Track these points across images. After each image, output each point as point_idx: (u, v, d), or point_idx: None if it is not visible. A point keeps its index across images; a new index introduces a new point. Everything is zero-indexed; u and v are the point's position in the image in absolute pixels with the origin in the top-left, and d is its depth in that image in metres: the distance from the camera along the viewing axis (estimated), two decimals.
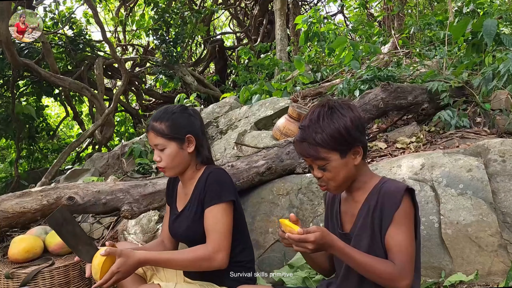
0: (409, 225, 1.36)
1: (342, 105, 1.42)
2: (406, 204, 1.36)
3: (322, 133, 1.37)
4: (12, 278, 1.96)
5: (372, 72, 3.93)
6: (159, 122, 1.76)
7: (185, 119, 1.80)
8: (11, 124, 6.99)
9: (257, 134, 3.76)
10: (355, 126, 1.39)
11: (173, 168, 1.78)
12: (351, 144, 1.38)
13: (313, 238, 1.26)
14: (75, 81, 6.73)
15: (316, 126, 1.38)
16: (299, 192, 2.51)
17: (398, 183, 1.41)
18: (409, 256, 1.34)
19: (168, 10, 8.64)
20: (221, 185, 1.72)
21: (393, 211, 1.34)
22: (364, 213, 1.42)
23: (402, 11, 7.88)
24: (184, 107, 1.85)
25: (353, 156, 1.41)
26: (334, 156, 1.38)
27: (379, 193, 1.39)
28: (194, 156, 1.82)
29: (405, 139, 3.09)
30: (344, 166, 1.40)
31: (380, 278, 1.32)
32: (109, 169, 4.58)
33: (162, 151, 1.75)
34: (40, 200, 2.30)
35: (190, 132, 1.78)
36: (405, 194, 1.36)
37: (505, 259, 1.97)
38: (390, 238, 1.35)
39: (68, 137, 11.10)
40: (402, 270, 1.31)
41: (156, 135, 1.75)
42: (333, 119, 1.38)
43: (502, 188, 2.11)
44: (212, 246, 1.64)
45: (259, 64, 7.63)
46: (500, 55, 3.20)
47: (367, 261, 1.32)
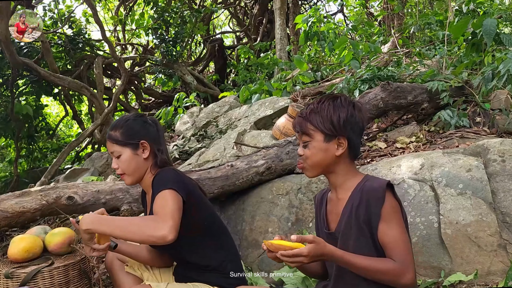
0: (399, 219, 1.38)
1: (347, 100, 1.49)
2: (390, 199, 1.38)
3: (317, 113, 1.47)
4: (12, 277, 1.96)
5: (372, 72, 3.93)
6: (114, 130, 1.79)
7: (138, 125, 1.81)
8: (10, 123, 6.98)
9: (256, 134, 3.76)
10: (348, 120, 1.45)
11: (131, 174, 1.79)
12: (337, 132, 1.44)
13: (307, 252, 1.27)
14: (75, 80, 6.73)
15: (315, 106, 1.49)
16: (299, 192, 2.51)
17: (379, 180, 1.44)
18: (406, 249, 1.35)
19: (167, 9, 8.64)
20: (167, 177, 1.68)
21: (379, 207, 1.36)
22: (347, 212, 1.43)
23: (402, 10, 7.88)
24: (139, 114, 1.89)
25: (337, 147, 1.46)
26: (318, 137, 1.46)
27: (362, 191, 1.41)
28: (151, 163, 1.82)
29: (405, 139, 3.09)
30: (324, 151, 1.46)
31: (384, 277, 1.33)
32: (108, 168, 4.58)
33: (119, 158, 1.77)
34: (39, 200, 2.30)
35: (144, 138, 1.79)
36: (387, 190, 1.38)
37: (504, 259, 1.97)
38: (384, 235, 1.36)
39: (68, 136, 11.11)
40: (403, 265, 1.32)
41: (112, 143, 1.78)
42: (332, 106, 1.47)
43: (501, 188, 2.11)
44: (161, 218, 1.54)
45: (259, 64, 7.63)
46: (500, 54, 3.21)
47: (368, 264, 1.33)
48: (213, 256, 1.78)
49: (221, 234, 1.87)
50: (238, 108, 4.82)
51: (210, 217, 1.85)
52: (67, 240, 2.17)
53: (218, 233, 1.85)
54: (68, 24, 8.02)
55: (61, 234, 2.19)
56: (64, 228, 2.31)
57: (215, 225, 1.85)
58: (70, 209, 2.38)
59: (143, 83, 10.08)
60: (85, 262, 2.16)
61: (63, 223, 3.42)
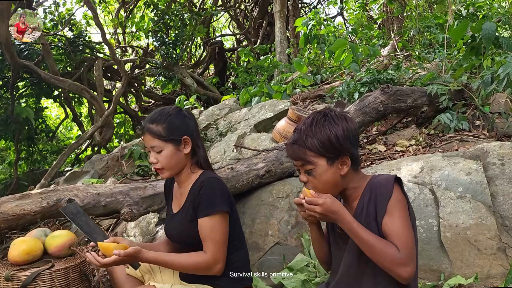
0: (404, 212, 1.37)
1: (338, 115, 1.45)
2: (397, 192, 1.38)
3: (313, 138, 1.40)
4: (12, 280, 1.96)
5: (371, 75, 3.94)
6: (155, 124, 1.76)
7: (180, 120, 1.80)
8: (10, 125, 6.98)
9: (256, 137, 3.77)
10: (346, 136, 1.41)
11: (170, 169, 1.79)
12: (339, 152, 1.41)
13: (322, 201, 1.33)
14: (75, 83, 6.74)
15: (308, 130, 1.42)
16: (299, 195, 2.51)
17: (387, 175, 1.43)
18: (409, 241, 1.34)
19: (167, 12, 8.66)
20: (215, 195, 1.71)
21: (386, 201, 1.36)
22: (359, 211, 1.43)
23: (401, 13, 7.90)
24: (179, 108, 1.86)
25: (340, 166, 1.42)
26: (321, 162, 1.41)
27: (371, 188, 1.41)
28: (190, 157, 1.83)
29: (405, 142, 3.10)
30: (330, 174, 1.42)
31: (383, 260, 1.31)
32: (108, 171, 4.58)
33: (159, 153, 1.76)
34: (40, 202, 2.29)
35: (186, 133, 1.79)
36: (395, 183, 1.38)
37: (504, 262, 1.98)
38: (386, 226, 1.36)
39: (68, 138, 11.11)
40: (405, 257, 1.31)
41: (153, 137, 1.75)
42: (326, 126, 1.41)
43: (501, 191, 2.11)
44: (211, 255, 1.67)
45: (259, 66, 7.65)
46: (499, 58, 3.22)
47: (373, 241, 1.32)
48: (229, 260, 1.78)
49: (241, 239, 1.89)
50: (238, 110, 4.82)
51: (237, 224, 1.87)
52: (67, 243, 2.17)
53: (239, 238, 1.87)
54: (68, 27, 8.04)
55: (62, 236, 2.20)
56: (64, 231, 2.32)
57: (237, 231, 1.87)
58: None
59: (143, 85, 10.09)
60: (86, 264, 2.17)
61: (63, 226, 3.43)
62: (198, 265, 1.66)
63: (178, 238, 1.87)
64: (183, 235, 1.81)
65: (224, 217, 1.72)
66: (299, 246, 2.37)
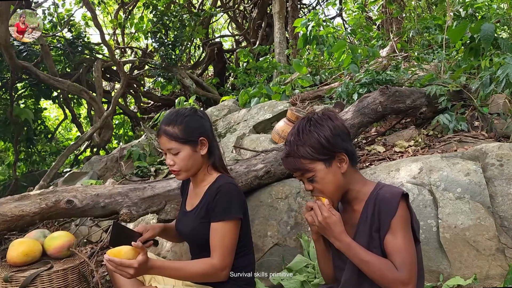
0: (407, 229, 1.37)
1: (320, 117, 1.46)
2: (402, 210, 1.36)
3: (304, 146, 1.41)
4: (11, 281, 1.96)
5: (370, 76, 3.94)
6: (172, 126, 1.74)
7: (197, 121, 1.79)
8: (9, 126, 6.98)
9: (256, 138, 3.77)
10: (335, 134, 1.42)
11: (187, 171, 1.79)
12: (333, 152, 1.41)
13: (326, 213, 1.35)
14: (74, 84, 6.73)
15: (297, 139, 1.42)
16: (298, 196, 2.51)
17: (394, 189, 1.41)
18: (410, 259, 1.33)
19: (167, 12, 8.66)
20: (230, 201, 1.71)
21: (390, 218, 1.35)
22: (363, 222, 1.42)
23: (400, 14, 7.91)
24: (194, 109, 1.84)
25: (339, 164, 1.43)
26: (319, 166, 1.41)
27: (375, 200, 1.40)
28: (207, 158, 1.82)
29: (404, 143, 3.10)
30: (331, 176, 1.42)
31: (382, 279, 1.32)
32: (107, 172, 4.58)
33: (176, 155, 1.75)
34: (38, 204, 2.29)
35: (203, 134, 1.78)
36: (401, 200, 1.37)
37: (502, 263, 1.98)
38: (389, 243, 1.35)
39: (66, 139, 11.11)
40: (405, 275, 1.31)
41: (170, 140, 1.74)
42: (312, 130, 1.42)
43: (499, 192, 2.11)
44: (218, 263, 1.66)
45: (258, 67, 7.65)
46: (498, 59, 3.22)
47: (371, 260, 1.33)
48: (235, 264, 1.78)
49: (250, 244, 1.90)
50: (237, 111, 4.82)
51: (248, 230, 1.88)
52: (66, 244, 2.17)
53: (248, 243, 1.88)
54: (67, 28, 8.03)
55: (60, 238, 2.20)
56: (63, 232, 2.32)
57: (247, 237, 1.87)
58: (69, 213, 2.38)
59: (142, 86, 10.09)
60: (84, 265, 2.16)
61: (62, 227, 3.42)
62: (206, 272, 1.66)
63: (187, 236, 1.88)
64: (193, 234, 1.82)
65: (237, 224, 1.73)
66: (298, 247, 2.37)
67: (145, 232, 1.84)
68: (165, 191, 2.47)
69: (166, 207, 2.44)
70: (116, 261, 1.50)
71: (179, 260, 2.59)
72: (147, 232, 1.84)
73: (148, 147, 4.52)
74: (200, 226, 1.77)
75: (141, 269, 1.53)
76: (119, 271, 1.51)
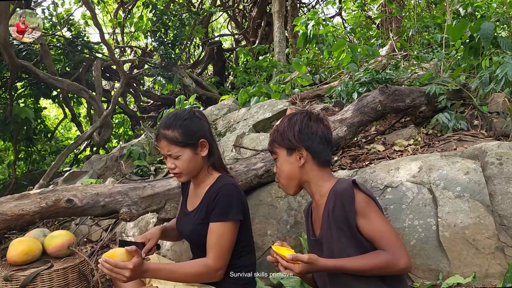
0: (376, 211, 1.44)
1: (303, 114, 1.62)
2: (360, 195, 1.44)
3: (277, 132, 1.63)
4: (11, 280, 1.96)
5: (370, 75, 3.94)
6: (171, 129, 1.73)
7: (196, 124, 1.78)
8: (9, 126, 6.98)
9: (255, 137, 3.77)
10: (302, 132, 1.57)
11: (188, 174, 1.79)
12: (294, 145, 1.57)
13: (299, 270, 1.37)
14: (73, 83, 6.73)
15: (278, 125, 1.65)
16: (298, 195, 2.51)
17: (346, 180, 1.51)
18: (393, 236, 1.41)
19: (166, 12, 8.66)
20: (230, 202, 1.71)
21: (352, 205, 1.42)
22: (326, 217, 1.48)
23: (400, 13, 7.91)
24: (192, 111, 1.83)
25: (298, 158, 1.57)
26: (282, 152, 1.61)
27: (335, 194, 1.47)
28: (207, 159, 1.82)
29: (403, 142, 3.10)
30: (288, 164, 1.59)
31: (381, 270, 1.37)
32: (107, 171, 4.58)
33: (176, 158, 1.74)
34: (38, 203, 2.29)
35: (202, 136, 1.78)
36: (355, 187, 1.45)
37: (502, 262, 1.98)
38: (367, 229, 1.41)
39: (66, 139, 11.10)
40: (396, 252, 1.37)
41: (170, 144, 1.73)
42: (287, 121, 1.62)
43: (499, 191, 2.12)
44: (214, 263, 1.67)
45: (258, 66, 7.65)
46: (497, 58, 3.22)
47: (361, 264, 1.37)
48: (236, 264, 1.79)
49: (251, 244, 1.90)
50: (236, 110, 4.82)
51: (249, 230, 1.88)
52: (66, 243, 2.18)
53: (249, 243, 1.88)
54: (67, 27, 8.02)
55: (60, 236, 2.20)
56: (63, 231, 2.32)
57: (248, 237, 1.88)
58: (69, 212, 2.38)
59: (141, 85, 10.09)
60: (84, 264, 2.17)
61: (62, 226, 3.43)
62: (200, 273, 1.67)
63: (187, 236, 1.90)
64: (193, 235, 1.83)
65: (235, 226, 1.73)
66: (298, 245, 2.37)
67: (147, 242, 1.84)
68: (165, 190, 2.47)
69: (166, 206, 2.45)
70: (111, 262, 1.51)
71: (179, 258, 2.59)
72: (150, 241, 1.84)
73: (148, 146, 4.52)
74: (200, 226, 1.77)
75: (136, 272, 1.52)
76: (114, 274, 1.51)
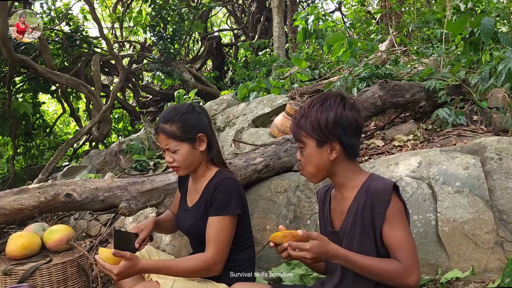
0: (403, 221, 1.37)
1: (337, 99, 1.45)
2: (396, 201, 1.37)
3: (306, 119, 1.44)
4: (10, 274, 1.96)
5: (369, 70, 3.94)
6: (170, 124, 1.73)
7: (195, 118, 1.78)
8: (7, 120, 6.97)
9: (254, 132, 3.77)
10: (337, 123, 1.41)
11: (186, 168, 1.79)
12: (327, 137, 1.41)
13: (309, 246, 1.29)
14: (72, 78, 6.71)
15: (306, 111, 1.46)
16: (297, 190, 2.51)
17: (385, 181, 1.42)
18: (411, 250, 1.34)
19: (165, 6, 8.62)
20: (229, 197, 1.71)
21: (384, 209, 1.35)
22: (353, 212, 1.42)
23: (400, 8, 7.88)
24: (192, 105, 1.83)
25: (329, 151, 1.43)
26: (310, 143, 1.44)
27: (367, 191, 1.40)
28: (205, 154, 1.82)
29: (403, 137, 3.10)
30: (318, 156, 1.44)
31: (388, 278, 1.33)
32: (106, 166, 4.57)
33: (175, 152, 1.74)
34: (37, 197, 2.29)
35: (201, 131, 1.77)
36: (393, 191, 1.37)
37: (501, 256, 1.98)
38: (388, 237, 1.36)
39: (65, 133, 11.08)
40: (408, 266, 1.32)
41: (168, 138, 1.73)
42: (319, 110, 1.43)
43: (498, 186, 2.12)
44: (212, 257, 1.67)
45: (257, 61, 7.63)
46: (497, 53, 3.22)
47: (372, 264, 1.33)
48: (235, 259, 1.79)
49: (250, 239, 1.90)
50: (236, 105, 4.81)
51: (248, 225, 1.88)
52: (65, 237, 2.17)
53: (248, 238, 1.87)
54: (65, 21, 7.99)
55: (59, 231, 2.20)
56: (62, 225, 2.32)
57: (247, 231, 1.87)
58: (68, 207, 2.37)
59: (140, 80, 10.07)
60: (84, 259, 2.17)
61: (61, 220, 3.42)
62: (199, 268, 1.67)
63: (187, 231, 1.90)
64: (193, 230, 1.84)
65: (234, 220, 1.73)
66: None
67: (140, 232, 1.83)
68: (164, 184, 2.47)
69: (165, 201, 2.44)
70: (100, 263, 1.56)
71: (179, 253, 2.59)
72: (143, 232, 1.83)
73: (147, 141, 4.52)
74: (199, 222, 1.77)
75: (124, 274, 1.56)
76: (104, 274, 1.55)
